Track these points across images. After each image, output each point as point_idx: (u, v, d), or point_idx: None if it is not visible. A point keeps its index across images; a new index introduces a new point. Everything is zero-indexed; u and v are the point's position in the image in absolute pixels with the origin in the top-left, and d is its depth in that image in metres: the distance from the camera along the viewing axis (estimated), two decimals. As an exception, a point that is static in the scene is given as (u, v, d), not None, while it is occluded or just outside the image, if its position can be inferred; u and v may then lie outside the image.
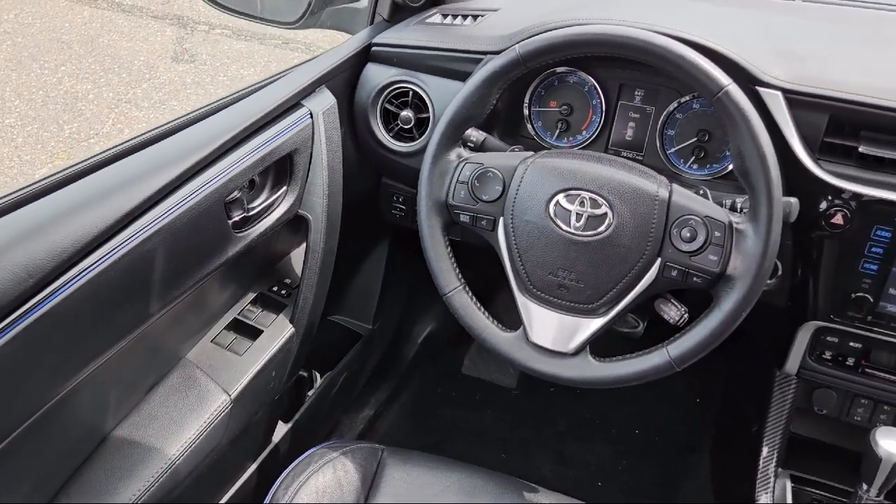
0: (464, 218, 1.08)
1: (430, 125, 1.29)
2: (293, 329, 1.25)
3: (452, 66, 1.24)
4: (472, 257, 1.31)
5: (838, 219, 1.06)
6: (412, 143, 1.31)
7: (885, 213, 1.05)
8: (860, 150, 1.05)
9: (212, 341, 1.20)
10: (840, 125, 1.07)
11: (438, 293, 1.11)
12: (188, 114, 1.10)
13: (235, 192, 1.07)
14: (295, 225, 1.23)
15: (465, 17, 1.33)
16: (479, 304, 1.10)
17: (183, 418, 1.09)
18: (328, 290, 1.33)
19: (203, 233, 1.01)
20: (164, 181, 0.93)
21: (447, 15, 1.35)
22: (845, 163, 1.07)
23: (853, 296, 1.10)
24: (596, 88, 1.24)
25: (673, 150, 1.21)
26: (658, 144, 1.22)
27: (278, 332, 1.24)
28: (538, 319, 1.06)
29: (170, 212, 0.94)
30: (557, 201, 1.02)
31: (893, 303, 1.09)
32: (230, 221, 1.06)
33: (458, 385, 2.02)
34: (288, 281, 1.32)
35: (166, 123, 1.05)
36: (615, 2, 1.34)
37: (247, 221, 1.11)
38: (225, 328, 1.23)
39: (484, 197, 1.06)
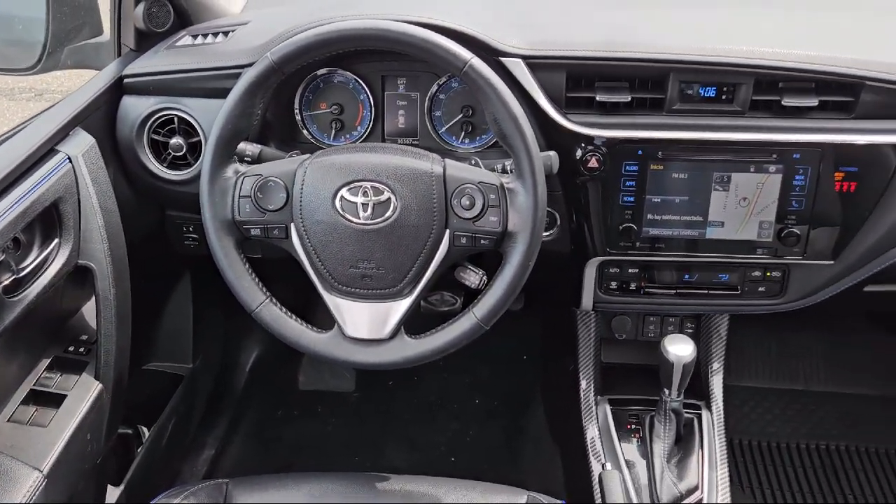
0: (255, 232, 1.08)
1: (202, 148, 1.26)
2: (101, 386, 1.18)
3: (212, 85, 1.22)
4: (278, 271, 1.30)
5: (594, 163, 1.19)
6: (188, 170, 1.27)
7: (630, 150, 1.19)
8: (597, 98, 1.17)
9: (8, 420, 1.10)
10: (577, 80, 1.19)
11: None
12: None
13: (-2, 255, 0.99)
14: (79, 277, 1.16)
15: (215, 34, 1.31)
16: (290, 313, 1.10)
17: (-10, 510, 0.99)
18: (133, 337, 1.26)
19: (-31, 305, 0.92)
20: None
21: (197, 35, 1.33)
22: (589, 112, 1.20)
23: (620, 227, 1.24)
24: (360, 84, 1.28)
25: (444, 129, 1.29)
26: (429, 126, 1.29)
27: (84, 392, 1.16)
28: (349, 313, 1.08)
29: None
30: (342, 196, 1.04)
31: (653, 226, 1.24)
32: None
33: (298, 402, 2.00)
34: (85, 337, 1.24)
35: None
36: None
37: (19, 284, 1.03)
38: (21, 402, 1.13)
39: (270, 207, 1.07)
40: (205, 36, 1.32)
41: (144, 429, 1.55)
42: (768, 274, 1.29)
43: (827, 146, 1.16)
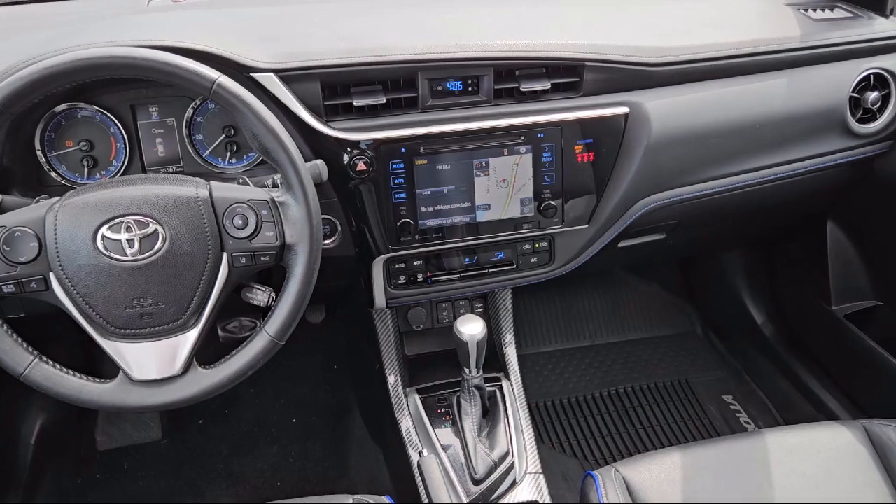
0: (7, 289, 0.99)
1: None
2: None
3: (-73, 136, 1.09)
4: (49, 328, 1.20)
5: (362, 166, 1.22)
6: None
7: (394, 149, 1.24)
8: (354, 104, 1.21)
9: None
10: (333, 88, 1.22)
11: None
12: None
13: None
14: None
15: (-76, 79, 1.17)
16: (65, 369, 1.02)
17: None
18: None
19: None
20: None
21: None
22: (349, 117, 1.23)
23: (398, 224, 1.28)
24: (108, 116, 1.21)
25: (207, 151, 1.26)
26: (192, 151, 1.25)
27: None
28: (134, 356, 1.02)
29: None
30: (103, 235, 0.99)
31: (427, 218, 1.30)
32: None
33: (100, 463, 1.85)
34: None
35: None
36: (104, 27, 1.31)
37: None
38: None
39: (21, 259, 0.98)
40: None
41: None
42: (537, 245, 1.40)
43: (564, 123, 1.29)
